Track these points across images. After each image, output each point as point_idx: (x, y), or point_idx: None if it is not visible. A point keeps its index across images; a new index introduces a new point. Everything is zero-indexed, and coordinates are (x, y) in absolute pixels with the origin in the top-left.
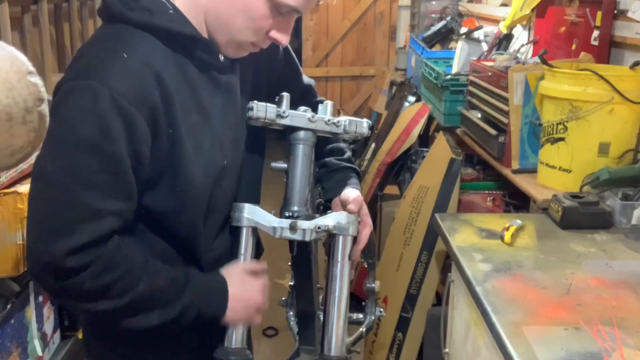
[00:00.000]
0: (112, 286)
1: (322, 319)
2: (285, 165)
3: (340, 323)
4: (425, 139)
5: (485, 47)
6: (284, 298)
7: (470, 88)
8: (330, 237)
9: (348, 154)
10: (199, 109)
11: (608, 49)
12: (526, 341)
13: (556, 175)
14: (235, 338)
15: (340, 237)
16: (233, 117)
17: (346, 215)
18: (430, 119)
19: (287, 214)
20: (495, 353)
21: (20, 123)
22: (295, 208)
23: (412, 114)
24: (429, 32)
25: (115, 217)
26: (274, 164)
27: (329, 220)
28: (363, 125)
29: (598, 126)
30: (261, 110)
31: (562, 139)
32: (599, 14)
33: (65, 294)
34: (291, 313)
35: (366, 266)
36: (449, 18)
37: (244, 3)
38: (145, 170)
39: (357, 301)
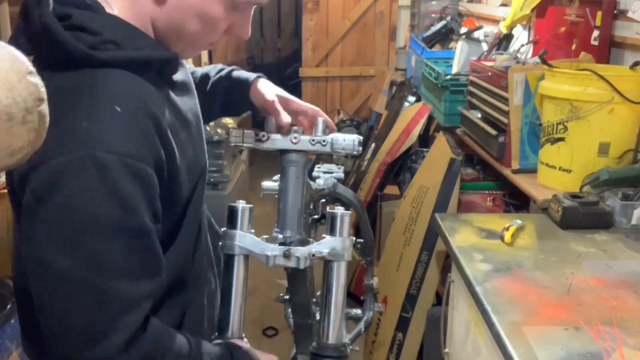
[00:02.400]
0: None
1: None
2: (277, 187)
3: (337, 315)
4: (425, 139)
5: (485, 47)
6: (281, 295)
7: (470, 88)
8: (324, 262)
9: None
10: (182, 124)
11: (608, 49)
12: (526, 341)
13: (556, 175)
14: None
15: (335, 264)
16: (197, 113)
17: (341, 240)
18: (430, 119)
19: (280, 241)
20: (495, 353)
21: (20, 123)
22: (289, 234)
23: (412, 114)
24: (429, 32)
25: (150, 299)
26: (265, 184)
27: (324, 246)
28: (352, 142)
29: (598, 126)
30: (238, 136)
31: (562, 139)
32: (599, 14)
33: None
34: (289, 310)
35: (364, 264)
36: (449, 18)
37: (195, 7)
38: (160, 223)
39: (356, 300)
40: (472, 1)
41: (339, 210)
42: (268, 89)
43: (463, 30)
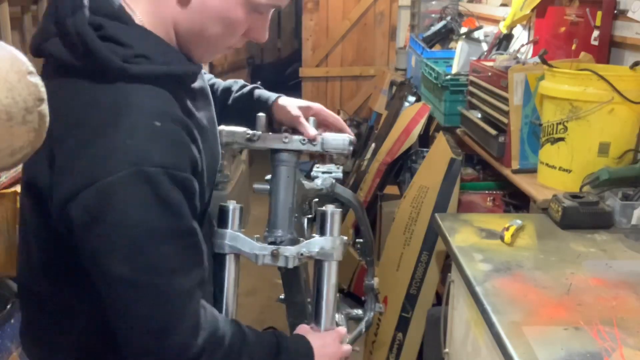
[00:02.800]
0: None
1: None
2: (268, 187)
3: (329, 315)
4: (425, 139)
5: (485, 47)
6: (282, 295)
7: (470, 88)
8: (315, 262)
9: (239, 82)
10: (199, 130)
11: (608, 49)
12: (526, 341)
13: (556, 175)
14: None
15: (325, 264)
16: (212, 118)
17: (331, 240)
18: (430, 119)
19: (270, 240)
20: (495, 353)
21: (20, 123)
22: (279, 233)
23: (412, 114)
24: (429, 32)
25: (200, 288)
26: (256, 185)
27: (313, 246)
28: (342, 142)
29: (598, 126)
30: (229, 135)
31: (562, 139)
32: (599, 14)
33: None
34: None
35: (364, 264)
36: (449, 18)
37: (219, 10)
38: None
39: (357, 300)
40: (472, 1)
41: (329, 208)
42: (291, 105)
43: (463, 30)
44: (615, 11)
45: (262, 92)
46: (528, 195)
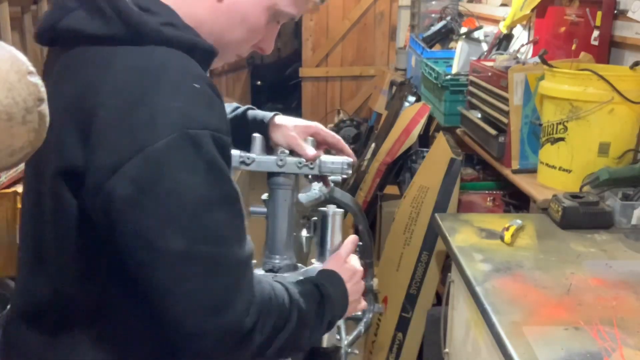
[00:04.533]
0: (275, 327)
1: None
2: (265, 210)
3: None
4: (425, 139)
5: (485, 47)
6: None
7: (470, 88)
8: None
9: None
10: None
11: (608, 49)
12: (526, 341)
13: (556, 175)
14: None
15: None
16: None
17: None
18: (430, 119)
19: (267, 267)
20: (495, 353)
21: (20, 123)
22: (277, 261)
23: (412, 114)
24: (429, 32)
25: (251, 258)
26: (252, 208)
27: (312, 273)
28: (340, 165)
29: (598, 126)
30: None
31: (562, 139)
32: (599, 14)
33: (245, 353)
34: None
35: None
36: (449, 18)
37: (243, 14)
38: None
39: None
40: (472, 1)
41: (330, 209)
42: (287, 124)
43: (463, 30)
44: (615, 11)
45: (257, 113)
46: (528, 195)
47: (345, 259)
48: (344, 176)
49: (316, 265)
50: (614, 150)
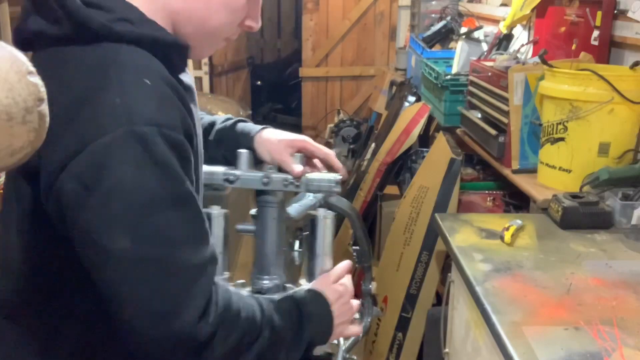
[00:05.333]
0: (241, 341)
1: None
2: (253, 227)
3: None
4: (425, 139)
5: (485, 47)
6: None
7: (470, 88)
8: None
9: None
10: (190, 115)
11: (608, 49)
12: (526, 341)
13: (556, 175)
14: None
15: None
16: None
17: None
18: (430, 119)
19: (256, 287)
20: (495, 353)
21: (20, 123)
22: (266, 282)
23: (412, 114)
24: (429, 32)
25: (211, 264)
26: (239, 226)
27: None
28: (329, 182)
29: (598, 126)
30: (206, 176)
31: (562, 139)
32: (599, 14)
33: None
34: None
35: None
36: (449, 18)
37: None
38: None
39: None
40: (472, 1)
41: (320, 213)
42: (273, 139)
43: (463, 30)
44: (615, 11)
45: (245, 125)
46: (528, 195)
47: (334, 280)
48: (332, 193)
49: (304, 287)
50: (614, 150)
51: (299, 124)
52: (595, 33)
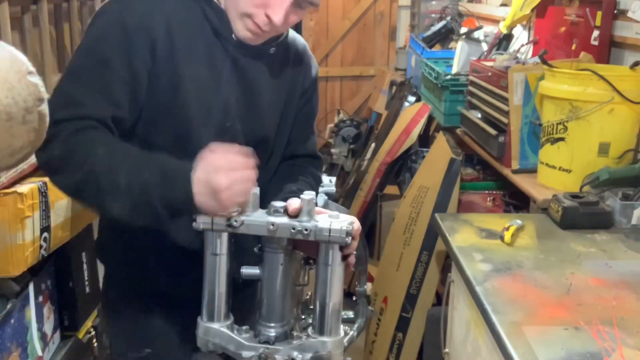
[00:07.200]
0: (75, 151)
1: None
2: (258, 272)
3: None
4: (425, 139)
5: (485, 47)
6: None
7: (470, 88)
8: None
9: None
10: (209, 66)
11: (608, 49)
12: (526, 341)
13: (556, 175)
14: (217, 312)
15: None
16: (243, 98)
17: (331, 343)
18: (430, 119)
19: (263, 339)
20: (495, 353)
21: (20, 123)
22: (272, 331)
23: (412, 114)
24: (429, 32)
25: (94, 112)
26: (244, 271)
27: (308, 348)
28: (339, 234)
29: (598, 126)
30: (206, 222)
31: (562, 139)
32: (599, 14)
33: (46, 163)
34: None
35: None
36: (449, 18)
37: None
38: (143, 93)
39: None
40: (472, 1)
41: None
42: None
43: (463, 30)
44: (615, 11)
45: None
46: (528, 195)
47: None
48: (343, 244)
49: (313, 341)
50: (614, 150)
51: None
52: (595, 33)
